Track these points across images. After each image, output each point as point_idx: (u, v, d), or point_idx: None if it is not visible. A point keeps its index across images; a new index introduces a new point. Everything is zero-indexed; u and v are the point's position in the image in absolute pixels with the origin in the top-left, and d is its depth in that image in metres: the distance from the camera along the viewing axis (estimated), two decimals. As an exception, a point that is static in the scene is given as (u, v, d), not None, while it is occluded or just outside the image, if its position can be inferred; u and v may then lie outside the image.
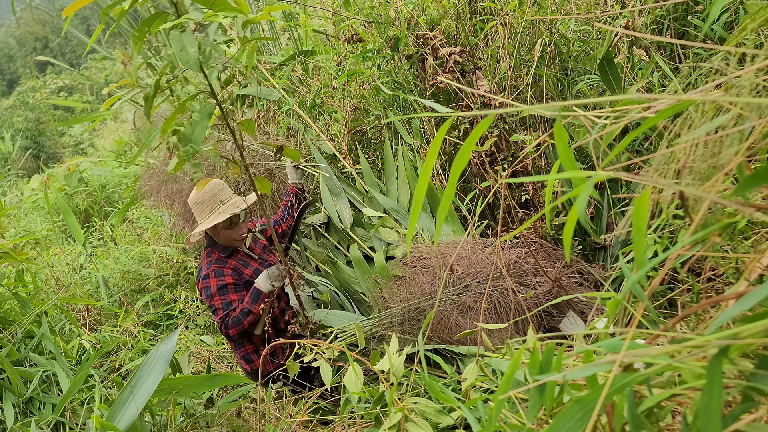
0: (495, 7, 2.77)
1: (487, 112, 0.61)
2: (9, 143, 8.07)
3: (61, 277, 3.65)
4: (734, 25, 2.30)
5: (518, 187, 2.60)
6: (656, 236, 1.09)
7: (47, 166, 9.48)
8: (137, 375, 1.45)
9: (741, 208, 0.56)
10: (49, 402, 2.11)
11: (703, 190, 0.69)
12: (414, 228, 0.70)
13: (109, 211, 5.23)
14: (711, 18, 1.64)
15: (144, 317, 3.35)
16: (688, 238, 0.65)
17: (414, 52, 2.77)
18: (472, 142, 0.64)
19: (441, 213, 0.67)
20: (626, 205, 2.37)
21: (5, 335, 2.34)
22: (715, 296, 1.35)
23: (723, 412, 0.52)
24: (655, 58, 2.27)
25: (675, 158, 0.82)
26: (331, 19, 3.33)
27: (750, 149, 0.68)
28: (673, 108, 0.60)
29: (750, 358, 0.66)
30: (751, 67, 0.64)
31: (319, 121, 3.30)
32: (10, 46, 37.37)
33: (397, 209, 2.73)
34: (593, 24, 2.69)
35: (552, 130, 0.67)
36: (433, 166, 2.60)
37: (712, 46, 0.77)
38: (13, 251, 2.34)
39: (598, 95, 2.61)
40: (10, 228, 4.68)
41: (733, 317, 0.54)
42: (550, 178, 0.62)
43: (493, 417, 0.75)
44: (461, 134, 2.71)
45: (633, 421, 0.59)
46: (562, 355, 0.71)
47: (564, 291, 1.96)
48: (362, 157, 2.92)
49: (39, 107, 14.70)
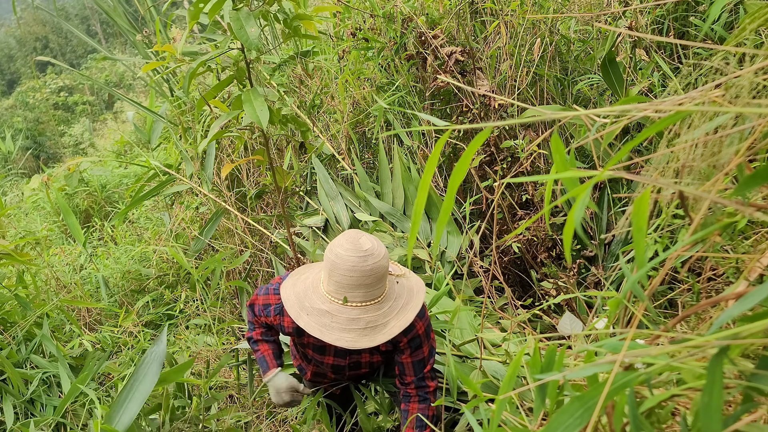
0: (495, 8, 2.77)
1: (487, 125, 0.61)
2: (9, 143, 8.07)
3: (62, 277, 3.64)
4: (734, 25, 2.30)
5: (518, 187, 2.60)
6: (656, 236, 1.09)
7: (47, 166, 9.47)
8: (134, 377, 1.46)
9: (741, 208, 0.56)
10: (50, 403, 2.11)
11: (703, 189, 0.69)
12: (414, 240, 0.70)
13: (109, 212, 5.23)
14: (711, 18, 1.64)
15: (144, 317, 3.34)
16: (688, 238, 0.65)
17: (415, 53, 2.77)
18: (469, 154, 0.63)
19: (440, 224, 0.67)
20: (626, 204, 2.37)
21: (5, 337, 2.34)
22: (715, 296, 1.35)
23: (723, 412, 0.52)
24: (655, 58, 2.27)
25: (675, 158, 0.82)
26: (336, 17, 3.33)
27: (750, 149, 0.68)
28: (673, 117, 0.60)
29: (750, 358, 0.66)
30: (751, 67, 0.64)
31: (318, 121, 3.30)
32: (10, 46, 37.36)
33: (392, 213, 2.73)
34: (593, 24, 2.69)
35: (547, 133, 0.67)
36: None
37: (712, 46, 0.77)
38: (14, 252, 2.34)
39: (598, 95, 2.61)
40: (10, 228, 4.68)
41: (733, 317, 0.54)
42: (549, 178, 0.62)
43: (495, 418, 0.75)
44: (461, 134, 2.71)
45: (634, 422, 0.59)
46: (563, 355, 0.72)
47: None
48: (357, 163, 2.91)
49: (39, 107, 14.70)
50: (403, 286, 1.42)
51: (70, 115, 17.88)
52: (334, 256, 1.32)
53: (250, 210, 3.35)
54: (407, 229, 2.63)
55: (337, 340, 1.31)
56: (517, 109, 2.69)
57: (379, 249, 1.33)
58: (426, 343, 1.49)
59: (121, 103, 15.93)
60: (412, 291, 1.42)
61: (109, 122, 14.31)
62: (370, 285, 1.31)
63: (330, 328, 1.32)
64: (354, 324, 1.32)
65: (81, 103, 18.94)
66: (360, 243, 1.32)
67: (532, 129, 2.65)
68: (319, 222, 2.85)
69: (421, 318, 1.46)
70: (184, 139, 3.56)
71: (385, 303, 1.35)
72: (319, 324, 1.34)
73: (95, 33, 31.82)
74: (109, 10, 3.89)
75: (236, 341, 2.92)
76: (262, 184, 3.10)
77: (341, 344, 1.31)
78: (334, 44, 3.28)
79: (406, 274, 1.47)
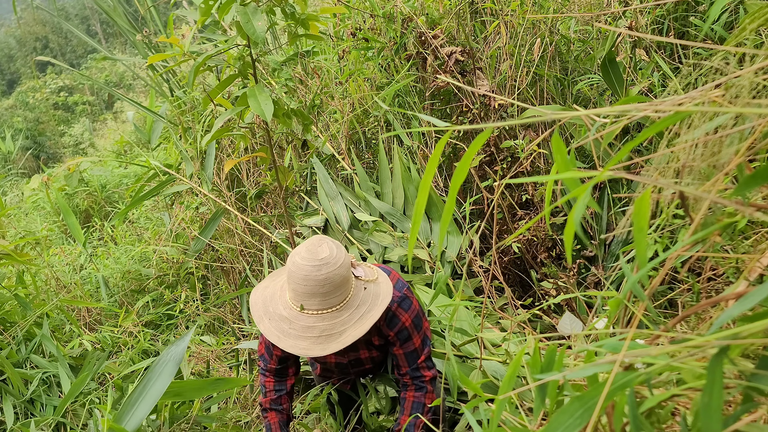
0: (495, 8, 2.77)
1: (488, 125, 0.61)
2: (9, 143, 8.07)
3: (62, 277, 3.65)
4: (734, 25, 2.30)
5: (518, 187, 2.60)
6: (656, 236, 1.09)
7: (47, 166, 9.47)
8: (147, 376, 1.45)
9: (741, 208, 0.56)
10: (50, 403, 2.11)
11: (703, 189, 0.69)
12: (414, 242, 0.70)
13: (109, 212, 5.23)
14: (711, 18, 1.64)
15: (144, 317, 3.35)
16: (688, 238, 0.65)
17: (415, 53, 2.77)
18: (470, 155, 0.63)
19: (443, 224, 0.67)
20: (626, 204, 2.37)
21: (6, 337, 2.34)
22: (715, 296, 1.35)
23: (723, 412, 0.52)
24: (655, 58, 2.27)
25: (675, 158, 0.82)
26: (336, 17, 3.33)
27: (750, 149, 0.68)
28: (673, 117, 0.60)
29: (750, 358, 0.66)
30: (751, 67, 0.64)
31: (319, 121, 3.30)
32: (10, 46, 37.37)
33: (392, 213, 2.73)
34: (593, 24, 2.69)
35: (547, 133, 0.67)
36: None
37: (712, 46, 0.77)
38: (14, 252, 2.34)
39: (598, 95, 2.61)
40: (10, 228, 4.68)
41: (733, 317, 0.54)
42: (549, 178, 0.62)
43: (495, 418, 0.75)
44: (461, 134, 2.71)
45: (634, 422, 0.59)
46: (563, 355, 0.72)
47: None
48: (357, 163, 2.91)
49: (39, 107, 14.69)
50: (369, 293, 1.40)
51: (70, 115, 17.88)
52: (291, 263, 1.32)
53: (250, 210, 3.34)
54: (407, 229, 2.63)
55: (292, 347, 1.31)
56: (517, 109, 2.69)
57: (338, 257, 1.32)
58: (416, 334, 1.49)
59: (121, 103, 15.94)
60: (378, 298, 1.39)
61: (109, 122, 14.32)
62: (325, 294, 1.30)
63: (287, 334, 1.32)
64: (309, 332, 1.31)
65: (81, 103, 18.94)
66: (318, 251, 1.31)
67: (532, 129, 2.65)
68: (319, 222, 2.85)
69: (407, 310, 1.47)
70: (184, 139, 3.56)
71: (345, 311, 1.33)
72: (277, 330, 1.34)
73: (95, 33, 31.84)
74: (109, 10, 3.89)
75: (236, 341, 2.92)
76: (262, 184, 3.10)
77: (295, 351, 1.31)
78: (334, 44, 3.28)
79: (378, 279, 1.44)
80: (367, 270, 1.47)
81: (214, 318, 3.27)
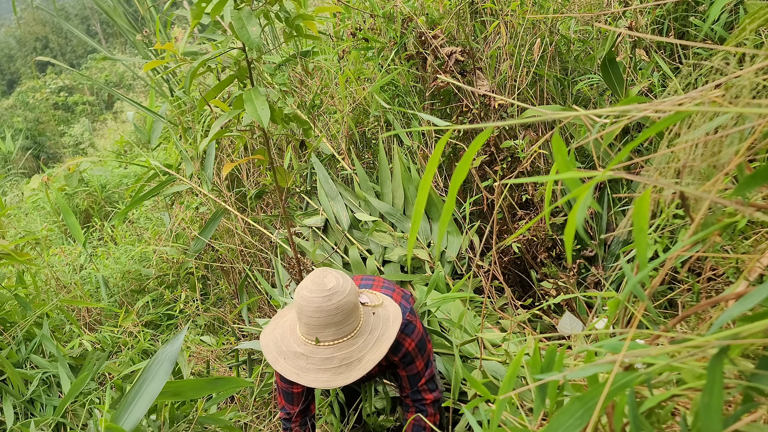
0: (495, 8, 2.77)
1: (488, 125, 0.61)
2: (9, 143, 8.07)
3: (62, 277, 3.64)
4: (734, 25, 2.30)
5: (518, 187, 2.60)
6: (656, 236, 1.09)
7: (47, 166, 9.47)
8: (143, 376, 1.45)
9: (741, 208, 0.56)
10: (50, 403, 2.11)
11: (704, 189, 0.69)
12: (414, 242, 0.70)
13: (109, 212, 5.23)
14: (711, 18, 1.64)
15: (144, 317, 3.34)
16: (689, 238, 0.65)
17: (415, 53, 2.77)
18: (470, 155, 0.63)
19: (442, 227, 0.67)
20: (626, 204, 2.37)
21: (6, 337, 2.34)
22: (715, 296, 1.35)
23: (723, 412, 0.52)
24: (655, 58, 2.27)
25: (675, 158, 0.82)
26: (335, 17, 3.32)
27: (750, 149, 0.68)
28: (673, 117, 0.60)
29: (750, 358, 0.66)
30: (751, 67, 0.64)
31: (318, 121, 3.30)
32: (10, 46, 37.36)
33: (392, 213, 2.73)
34: (593, 24, 2.69)
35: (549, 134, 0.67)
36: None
37: (712, 46, 0.77)
38: (14, 252, 2.34)
39: (598, 95, 2.61)
40: (10, 228, 4.68)
41: (733, 317, 0.54)
42: (550, 179, 0.62)
43: (495, 418, 0.75)
44: (461, 134, 2.71)
45: (634, 422, 0.59)
46: (563, 355, 0.72)
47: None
48: (357, 163, 2.91)
49: (39, 107, 14.69)
50: (379, 317, 1.41)
51: (70, 115, 17.87)
52: (300, 298, 1.32)
53: (250, 210, 3.35)
54: (407, 229, 2.63)
55: (313, 381, 1.30)
56: (517, 109, 2.69)
57: (345, 285, 1.32)
58: (419, 358, 1.50)
59: (121, 103, 15.93)
60: (388, 321, 1.40)
61: (109, 122, 14.32)
62: (339, 323, 1.30)
63: (306, 370, 1.32)
64: (328, 363, 1.31)
65: (81, 103, 18.94)
66: (324, 282, 1.32)
67: (532, 129, 2.65)
68: (319, 222, 2.85)
69: (410, 335, 1.48)
70: (184, 139, 3.56)
71: (360, 337, 1.34)
72: (295, 367, 1.33)
73: (95, 33, 31.83)
74: (109, 10, 3.89)
75: (236, 341, 2.92)
76: (262, 184, 3.10)
77: (317, 385, 1.30)
78: (334, 44, 3.28)
79: (383, 303, 1.46)
80: (371, 296, 1.48)
81: (214, 318, 3.27)
